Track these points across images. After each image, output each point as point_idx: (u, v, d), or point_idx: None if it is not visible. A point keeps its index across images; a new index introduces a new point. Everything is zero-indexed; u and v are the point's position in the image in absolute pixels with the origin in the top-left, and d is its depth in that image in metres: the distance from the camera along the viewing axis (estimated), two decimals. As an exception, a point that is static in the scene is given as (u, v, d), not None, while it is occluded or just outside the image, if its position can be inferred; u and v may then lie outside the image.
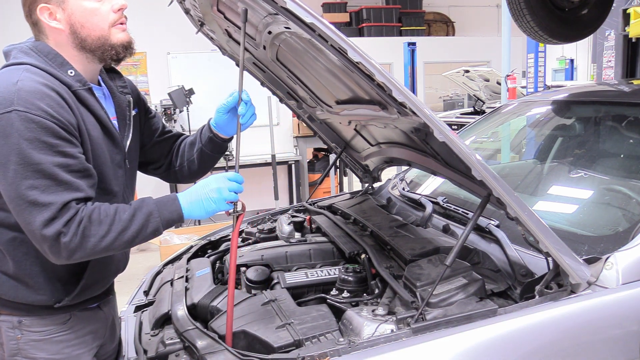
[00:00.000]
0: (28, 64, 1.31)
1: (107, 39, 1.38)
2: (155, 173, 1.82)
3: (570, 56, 12.31)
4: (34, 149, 1.20)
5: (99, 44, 1.38)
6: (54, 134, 1.23)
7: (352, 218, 2.19)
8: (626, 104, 2.18)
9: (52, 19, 1.35)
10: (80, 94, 1.35)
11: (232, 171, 1.41)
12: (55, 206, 1.20)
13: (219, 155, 1.74)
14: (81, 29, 1.35)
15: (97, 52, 1.39)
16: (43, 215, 1.19)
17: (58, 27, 1.35)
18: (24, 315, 1.40)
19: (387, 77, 1.17)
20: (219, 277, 1.95)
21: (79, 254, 1.24)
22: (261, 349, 1.34)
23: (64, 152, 1.24)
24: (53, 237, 1.20)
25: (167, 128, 1.79)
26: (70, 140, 1.27)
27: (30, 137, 1.20)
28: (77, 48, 1.37)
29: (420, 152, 1.84)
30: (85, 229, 1.23)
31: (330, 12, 9.85)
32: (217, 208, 1.37)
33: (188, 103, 5.87)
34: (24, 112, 1.20)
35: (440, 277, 1.33)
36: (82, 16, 1.35)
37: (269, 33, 1.57)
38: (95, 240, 1.24)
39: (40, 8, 1.34)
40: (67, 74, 1.34)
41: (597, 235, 1.64)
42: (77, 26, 1.35)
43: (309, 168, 6.85)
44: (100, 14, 1.36)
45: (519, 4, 3.08)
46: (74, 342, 1.46)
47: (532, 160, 2.61)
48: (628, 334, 1.30)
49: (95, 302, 1.53)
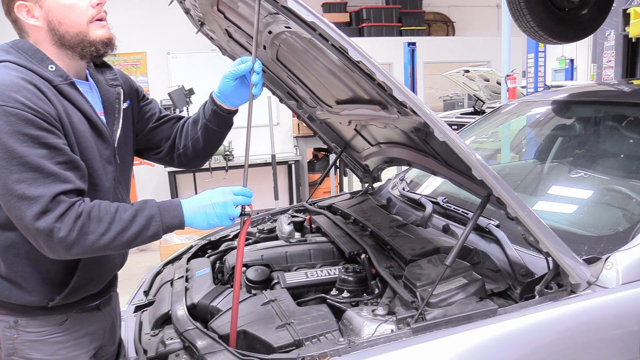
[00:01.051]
0: (7, 61, 1.30)
1: (86, 35, 1.36)
2: (156, 158, 1.75)
3: (570, 56, 12.30)
4: (16, 142, 1.18)
5: (78, 40, 1.35)
6: (34, 125, 1.21)
7: (352, 218, 2.19)
8: (626, 104, 2.18)
9: (30, 16, 1.33)
10: (63, 89, 1.33)
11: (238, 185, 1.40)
12: (45, 199, 1.18)
13: (225, 130, 1.67)
14: (59, 26, 1.34)
15: (77, 49, 1.37)
16: (33, 208, 1.17)
17: (36, 25, 1.34)
18: (20, 315, 1.39)
19: (388, 77, 1.17)
20: (219, 277, 1.95)
21: (76, 249, 1.23)
22: (261, 349, 1.34)
23: (47, 144, 1.22)
24: (46, 231, 1.18)
25: (164, 112, 1.74)
26: (52, 131, 1.24)
27: (11, 131, 1.18)
28: (57, 45, 1.36)
29: (420, 152, 1.84)
30: (84, 225, 1.21)
31: (330, 12, 9.85)
32: (219, 223, 1.36)
33: (188, 103, 5.86)
34: (1, 106, 1.19)
35: (440, 277, 1.33)
36: (59, 12, 1.33)
37: (269, 33, 1.57)
38: (94, 237, 1.23)
39: (18, 6, 1.32)
40: (48, 69, 1.33)
41: (597, 235, 1.64)
42: (55, 23, 1.33)
43: (309, 168, 6.85)
44: (78, 10, 1.34)
45: (519, 4, 3.08)
46: (70, 344, 1.45)
47: (532, 160, 2.61)
48: (628, 334, 1.30)
49: (93, 301, 1.50)
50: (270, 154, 6.01)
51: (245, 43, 1.92)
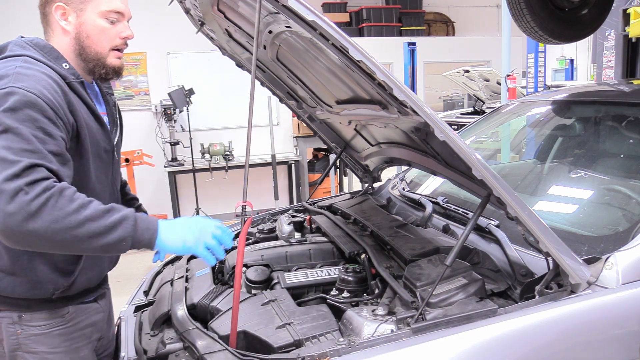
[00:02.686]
0: (26, 55, 1.37)
1: (104, 58, 1.48)
2: None
3: (570, 56, 12.30)
4: (17, 120, 1.21)
5: (95, 58, 1.47)
6: (41, 112, 1.25)
7: (352, 218, 2.19)
8: (626, 104, 2.18)
9: (64, 19, 1.44)
10: (74, 86, 1.41)
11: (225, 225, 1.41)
12: (22, 164, 1.15)
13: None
14: (86, 39, 1.45)
15: (90, 64, 1.48)
16: (8, 171, 1.14)
17: (66, 28, 1.45)
18: (24, 310, 1.42)
19: (388, 76, 1.17)
20: (219, 277, 1.95)
21: (35, 223, 1.13)
22: (261, 349, 1.34)
23: (45, 130, 1.24)
24: (11, 192, 1.12)
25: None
26: (56, 122, 1.28)
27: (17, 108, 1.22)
28: (76, 53, 1.47)
29: (420, 152, 1.84)
30: (52, 197, 1.15)
31: (330, 12, 9.84)
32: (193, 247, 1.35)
33: (188, 103, 5.86)
34: (21, 90, 1.24)
35: (440, 277, 1.33)
36: (91, 29, 1.45)
37: (270, 32, 1.57)
38: (60, 214, 1.15)
39: (57, 6, 1.43)
40: (62, 66, 1.42)
41: (597, 235, 1.64)
42: (83, 35, 1.45)
43: (309, 168, 6.85)
44: (107, 35, 1.47)
45: (519, 4, 3.08)
46: (73, 335, 1.49)
47: (532, 160, 2.61)
48: (628, 334, 1.30)
49: (91, 296, 1.56)
50: (270, 154, 6.01)
51: (245, 43, 1.92)
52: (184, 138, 6.19)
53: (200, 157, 6.26)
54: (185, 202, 6.60)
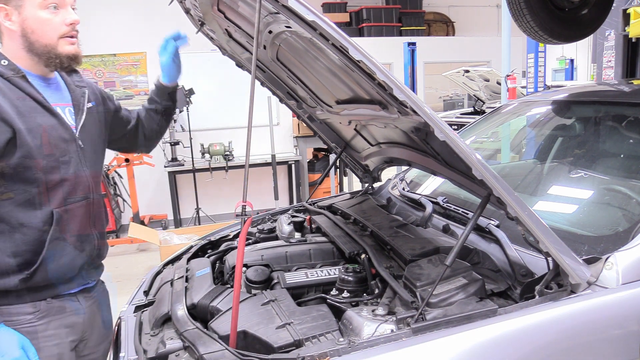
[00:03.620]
0: None
1: (54, 48, 1.52)
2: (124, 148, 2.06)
3: (570, 56, 12.30)
4: None
5: (45, 50, 1.51)
6: None
7: (352, 218, 2.19)
8: (626, 104, 2.18)
9: (7, 19, 1.49)
10: (14, 81, 1.47)
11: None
12: None
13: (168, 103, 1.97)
14: (31, 34, 1.49)
15: (43, 57, 1.52)
16: None
17: (11, 28, 1.49)
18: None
19: (388, 76, 1.17)
20: (219, 277, 1.95)
21: None
22: (261, 349, 1.34)
23: None
24: None
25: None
26: None
27: None
28: (26, 50, 1.51)
29: (420, 152, 1.83)
30: None
31: (330, 12, 9.84)
32: None
33: (188, 103, 5.87)
34: None
35: (440, 277, 1.33)
36: (34, 23, 1.48)
37: (270, 32, 1.57)
38: None
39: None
40: (1, 63, 1.47)
41: (597, 235, 1.64)
42: (28, 31, 1.49)
43: (309, 168, 6.85)
44: (51, 25, 1.50)
45: (519, 4, 3.08)
46: (43, 334, 1.48)
47: (532, 160, 2.61)
48: (628, 334, 1.30)
49: (67, 289, 1.55)
50: (270, 154, 6.01)
51: (245, 43, 1.92)
52: (184, 138, 6.19)
53: (200, 157, 6.26)
54: (185, 202, 6.61)
